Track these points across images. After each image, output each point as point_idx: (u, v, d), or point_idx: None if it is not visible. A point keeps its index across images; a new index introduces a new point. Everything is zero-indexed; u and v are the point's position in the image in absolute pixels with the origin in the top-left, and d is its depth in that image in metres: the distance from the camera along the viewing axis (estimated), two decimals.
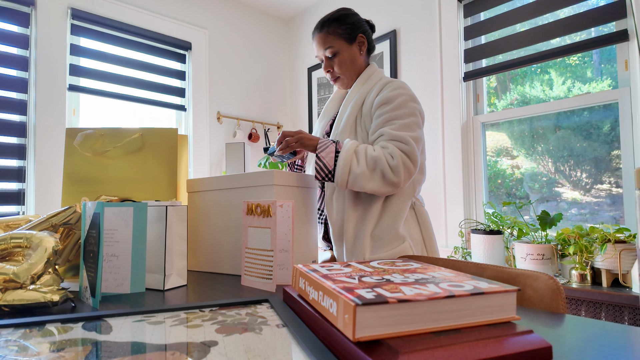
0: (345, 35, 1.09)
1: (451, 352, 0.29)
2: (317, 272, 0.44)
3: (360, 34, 1.11)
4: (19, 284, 0.53)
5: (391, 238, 1.01)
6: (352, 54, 1.10)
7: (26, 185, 2.06)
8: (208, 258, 0.91)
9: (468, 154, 2.11)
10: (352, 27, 1.09)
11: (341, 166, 0.93)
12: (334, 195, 1.05)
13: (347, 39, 1.09)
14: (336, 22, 1.09)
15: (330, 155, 0.96)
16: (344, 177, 0.94)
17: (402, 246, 1.01)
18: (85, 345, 0.37)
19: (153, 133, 0.89)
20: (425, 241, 1.07)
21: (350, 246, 1.02)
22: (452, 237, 2.09)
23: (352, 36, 1.09)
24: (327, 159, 0.95)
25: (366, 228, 1.01)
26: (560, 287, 0.55)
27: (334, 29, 1.08)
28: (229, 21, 2.98)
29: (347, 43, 1.09)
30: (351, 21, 1.10)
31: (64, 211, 0.71)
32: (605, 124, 1.70)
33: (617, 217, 1.65)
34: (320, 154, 0.96)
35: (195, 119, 2.73)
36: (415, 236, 1.05)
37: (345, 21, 1.09)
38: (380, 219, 1.02)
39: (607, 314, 1.36)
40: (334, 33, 1.08)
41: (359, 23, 1.11)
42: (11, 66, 2.04)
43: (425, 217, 1.08)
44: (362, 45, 1.11)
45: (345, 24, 1.09)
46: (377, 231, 1.01)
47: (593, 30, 1.72)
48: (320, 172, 0.95)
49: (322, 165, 0.95)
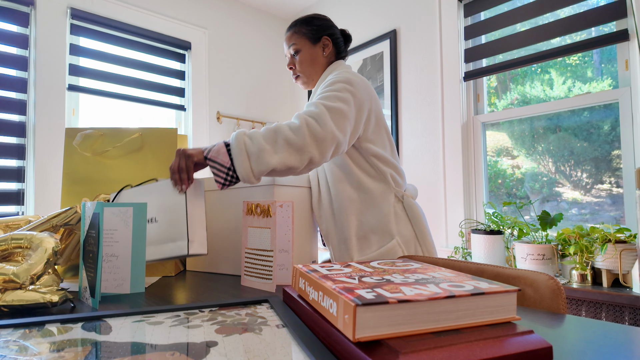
0: (310, 35, 1.13)
1: (451, 352, 0.29)
2: (317, 273, 0.44)
3: (326, 36, 1.14)
4: (19, 284, 0.53)
5: (377, 237, 1.01)
6: (314, 53, 1.13)
7: (25, 186, 2.06)
8: (208, 258, 0.91)
9: (468, 154, 2.11)
10: (317, 29, 1.13)
11: (237, 154, 0.80)
12: (319, 202, 1.07)
13: (310, 39, 1.13)
14: (304, 23, 1.13)
15: (222, 151, 0.82)
16: (245, 165, 0.79)
17: (389, 245, 1.00)
18: (84, 345, 0.37)
19: (152, 133, 0.89)
20: (418, 237, 1.03)
21: (336, 251, 1.05)
22: (452, 237, 2.09)
23: (315, 37, 1.13)
24: (220, 157, 0.81)
25: (349, 230, 1.02)
26: (560, 287, 0.54)
27: (300, 29, 1.13)
28: (229, 21, 2.98)
29: (310, 43, 1.13)
30: (318, 23, 1.14)
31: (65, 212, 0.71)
32: (606, 123, 1.69)
33: (617, 217, 1.65)
34: (210, 155, 0.82)
35: (195, 119, 2.73)
36: (406, 232, 1.02)
37: (312, 23, 1.13)
38: (362, 219, 1.02)
39: (607, 314, 1.36)
40: (299, 32, 1.13)
41: (327, 26, 1.15)
42: (11, 66, 2.04)
43: (416, 210, 1.04)
44: (325, 47, 1.14)
45: (312, 26, 1.13)
46: (362, 232, 1.02)
47: (593, 30, 1.72)
48: (219, 175, 0.81)
49: (219, 166, 0.81)
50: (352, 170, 1.03)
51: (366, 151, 1.03)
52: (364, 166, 1.04)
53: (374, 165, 1.03)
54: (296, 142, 0.82)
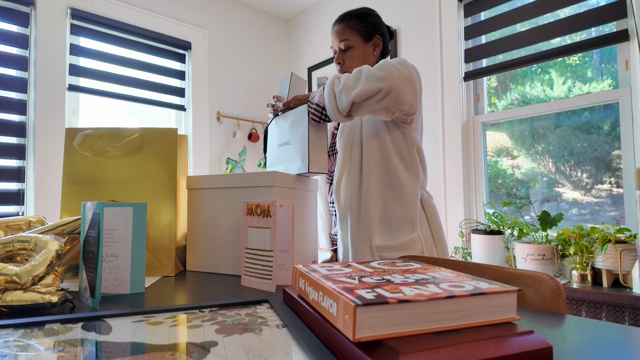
0: (363, 32, 1.10)
1: (451, 352, 0.29)
2: (317, 273, 0.44)
3: (378, 35, 1.12)
4: (20, 285, 0.53)
5: (399, 226, 1.01)
6: (366, 52, 1.11)
7: (26, 186, 2.06)
8: (208, 258, 0.91)
9: (468, 154, 2.11)
10: (371, 27, 1.11)
11: (327, 93, 0.92)
12: (342, 181, 1.05)
13: (363, 36, 1.10)
14: (357, 18, 1.10)
15: (319, 94, 0.96)
16: (331, 103, 0.91)
17: (411, 236, 1.00)
18: (84, 345, 0.37)
19: (153, 133, 0.89)
20: (434, 236, 1.05)
21: (354, 230, 1.02)
22: (453, 237, 2.09)
23: (369, 35, 1.10)
24: (317, 99, 0.96)
25: (373, 214, 1.01)
26: (560, 288, 0.54)
27: (354, 24, 1.10)
28: (229, 21, 2.98)
29: (362, 40, 1.10)
30: (372, 21, 1.11)
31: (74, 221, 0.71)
32: (606, 124, 1.69)
33: (617, 217, 1.65)
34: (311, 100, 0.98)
35: (195, 119, 2.73)
36: (425, 229, 1.04)
37: (366, 19, 1.10)
38: (389, 205, 1.02)
39: (607, 314, 1.36)
40: (353, 27, 1.10)
41: (379, 25, 1.12)
42: (11, 66, 2.04)
43: (433, 211, 1.07)
44: (376, 47, 1.12)
45: (366, 22, 1.10)
46: (385, 218, 1.02)
47: (593, 30, 1.72)
48: (315, 114, 0.96)
49: (315, 107, 0.96)
50: (390, 156, 1.03)
51: (412, 141, 1.04)
52: (404, 155, 1.04)
53: (413, 157, 1.04)
54: (377, 73, 0.87)
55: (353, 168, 1.05)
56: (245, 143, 3.03)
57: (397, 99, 0.87)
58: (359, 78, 0.89)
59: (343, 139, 1.07)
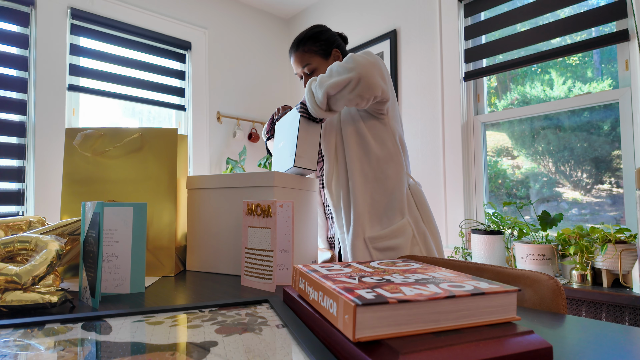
0: (321, 52, 1.15)
1: (451, 352, 0.29)
2: (317, 273, 0.44)
3: (335, 48, 1.16)
4: (20, 285, 0.53)
5: (388, 215, 1.04)
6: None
7: (26, 185, 2.06)
8: (208, 258, 0.91)
9: (468, 154, 2.11)
10: (326, 43, 1.15)
11: (306, 91, 0.98)
12: (332, 183, 1.08)
13: (322, 55, 1.15)
14: (311, 40, 1.14)
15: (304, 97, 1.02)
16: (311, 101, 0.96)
17: (400, 223, 1.03)
18: (84, 345, 0.37)
19: (153, 133, 0.89)
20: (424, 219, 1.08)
21: (348, 227, 1.05)
22: (453, 237, 2.09)
23: (327, 51, 1.16)
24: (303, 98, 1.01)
25: (362, 207, 1.03)
26: (560, 288, 0.54)
27: (309, 47, 1.14)
28: (229, 21, 2.98)
29: (323, 59, 1.15)
30: (325, 37, 1.16)
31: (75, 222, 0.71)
32: (606, 124, 1.69)
33: (617, 217, 1.65)
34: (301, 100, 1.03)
35: (195, 119, 2.73)
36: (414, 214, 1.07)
37: (319, 38, 1.15)
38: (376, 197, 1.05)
39: (607, 314, 1.36)
40: (310, 51, 1.14)
41: (333, 38, 1.17)
42: (11, 66, 2.04)
43: (421, 196, 1.10)
44: (337, 58, 1.17)
45: (320, 41, 1.15)
46: (374, 209, 1.05)
47: (593, 30, 1.72)
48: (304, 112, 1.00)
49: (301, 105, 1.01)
50: (371, 151, 1.05)
51: (393, 131, 1.07)
52: (388, 145, 1.06)
53: (396, 147, 1.07)
54: (346, 65, 0.92)
55: (340, 168, 1.08)
56: (245, 143, 3.03)
57: (369, 84, 0.92)
58: (331, 73, 0.94)
59: (325, 141, 1.10)
